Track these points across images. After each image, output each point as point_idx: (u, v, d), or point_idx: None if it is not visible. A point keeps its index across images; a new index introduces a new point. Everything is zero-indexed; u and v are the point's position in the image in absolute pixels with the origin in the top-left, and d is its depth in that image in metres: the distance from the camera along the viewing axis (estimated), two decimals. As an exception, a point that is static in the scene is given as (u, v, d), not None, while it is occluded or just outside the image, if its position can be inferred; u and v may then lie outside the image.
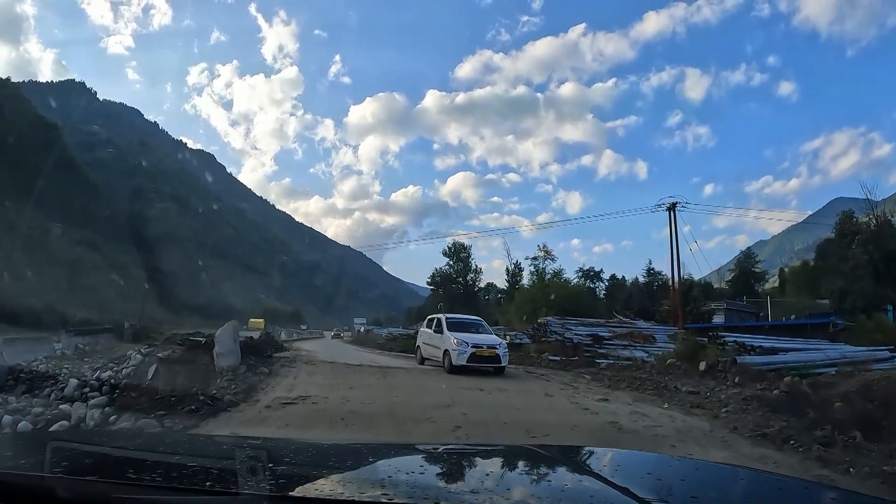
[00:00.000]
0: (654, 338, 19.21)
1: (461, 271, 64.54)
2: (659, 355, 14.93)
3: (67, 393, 8.21)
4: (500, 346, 13.58)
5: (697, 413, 8.35)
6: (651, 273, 51.29)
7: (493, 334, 15.35)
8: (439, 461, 1.70)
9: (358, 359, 18.07)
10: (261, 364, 11.64)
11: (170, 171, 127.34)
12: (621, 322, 22.67)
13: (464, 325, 14.95)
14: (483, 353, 13.09)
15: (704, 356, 12.54)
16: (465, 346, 13.09)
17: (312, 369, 13.09)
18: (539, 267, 49.29)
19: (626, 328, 21.04)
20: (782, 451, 5.98)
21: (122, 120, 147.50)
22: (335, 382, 10.62)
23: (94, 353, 12.18)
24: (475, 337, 13.84)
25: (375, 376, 12.14)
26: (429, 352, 15.21)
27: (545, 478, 1.52)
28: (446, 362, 13.37)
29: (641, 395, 10.44)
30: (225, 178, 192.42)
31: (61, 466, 1.17)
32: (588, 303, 37.32)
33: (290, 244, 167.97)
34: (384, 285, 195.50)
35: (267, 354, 14.05)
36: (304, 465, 1.45)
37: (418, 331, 17.43)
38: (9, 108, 64.38)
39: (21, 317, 24.41)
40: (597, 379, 12.83)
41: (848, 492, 1.56)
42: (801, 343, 15.41)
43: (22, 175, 52.10)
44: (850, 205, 48.21)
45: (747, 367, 10.88)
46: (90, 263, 57.15)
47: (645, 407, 8.92)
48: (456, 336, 13.53)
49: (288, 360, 14.57)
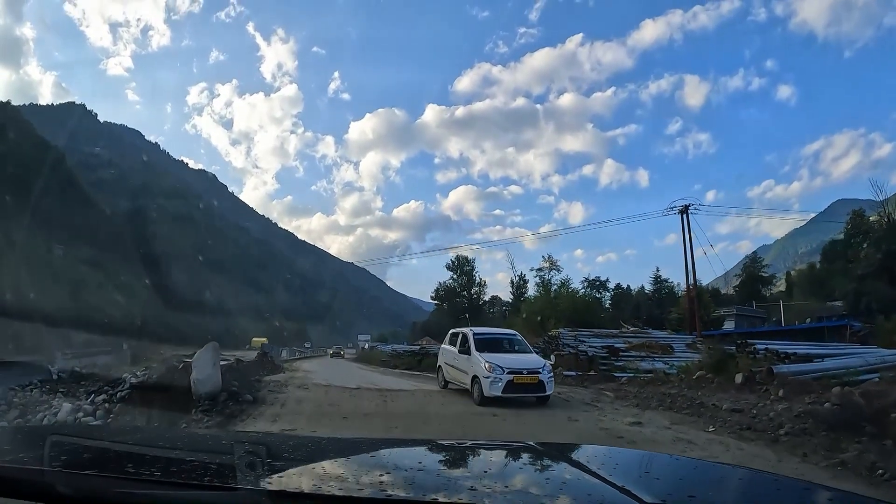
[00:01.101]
0: (671, 347, 18.59)
1: (465, 285, 64.15)
2: (682, 366, 14.15)
3: (60, 418, 8.04)
4: (543, 370, 10.89)
5: (751, 437, 7.42)
6: (658, 281, 50.80)
7: (531, 352, 12.38)
8: (438, 456, 1.72)
9: (357, 379, 17.01)
10: (245, 390, 10.75)
11: (172, 192, 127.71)
12: (636, 332, 22.09)
13: (496, 342, 12.29)
14: (523, 381, 10.51)
15: (735, 366, 11.78)
16: (499, 371, 10.53)
17: (304, 395, 12.01)
18: (544, 278, 48.59)
19: (641, 338, 20.31)
20: (877, 485, 4.99)
21: (123, 141, 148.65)
22: (327, 411, 9.69)
23: (92, 377, 11.68)
24: (511, 358, 11.17)
25: (374, 402, 11.08)
26: (453, 375, 12.64)
27: (543, 475, 1.53)
28: (476, 392, 10.85)
29: (677, 415, 9.45)
30: (227, 198, 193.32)
31: (61, 461, 1.19)
32: (596, 313, 36.56)
33: (293, 262, 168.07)
34: (388, 301, 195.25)
35: (255, 378, 13.04)
36: (302, 460, 1.45)
37: (440, 348, 14.71)
38: (10, 130, 64.90)
39: (23, 338, 24.14)
40: (621, 396, 11.77)
41: (846, 492, 1.53)
42: (835, 348, 14.80)
43: (24, 196, 52.17)
44: (853, 206, 47.83)
45: (785, 378, 10.11)
46: (94, 283, 56.93)
47: (687, 431, 7.98)
48: (488, 358, 10.91)
49: (279, 385, 13.47)
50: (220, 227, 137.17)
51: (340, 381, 15.58)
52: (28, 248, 50.40)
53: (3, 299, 37.66)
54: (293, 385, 13.73)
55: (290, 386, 13.41)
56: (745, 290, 50.49)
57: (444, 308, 64.80)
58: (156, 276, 64.30)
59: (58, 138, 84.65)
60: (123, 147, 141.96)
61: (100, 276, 59.87)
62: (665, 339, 20.88)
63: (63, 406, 8.40)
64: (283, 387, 13.03)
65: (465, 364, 11.70)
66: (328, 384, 14.53)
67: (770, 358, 12.34)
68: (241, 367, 15.29)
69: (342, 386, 14.09)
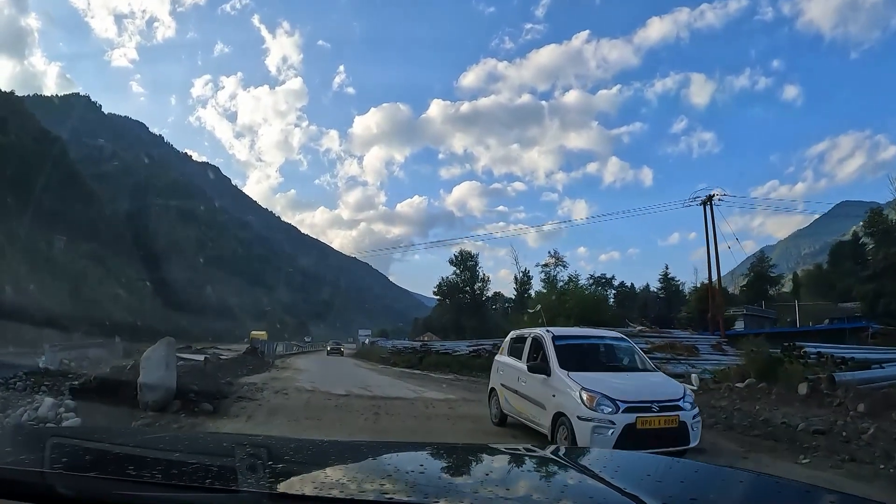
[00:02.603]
0: (696, 349, 17.32)
1: (468, 280, 63.39)
2: (718, 371, 12.77)
3: (41, 413, 7.58)
4: (684, 402, 6.22)
5: (861, 471, 5.73)
6: (666, 279, 49.90)
7: (656, 370, 7.52)
8: (440, 460, 1.72)
9: (350, 382, 15.21)
10: (206, 398, 9.06)
11: (175, 184, 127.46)
12: (657, 331, 20.89)
13: (592, 352, 7.64)
14: (652, 424, 5.89)
15: (784, 372, 10.55)
16: (608, 406, 5.92)
17: (280, 403, 10.33)
18: (550, 274, 47.57)
19: (663, 338, 18.79)
20: None
21: (127, 133, 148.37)
22: (301, 427, 7.97)
23: (80, 370, 11.26)
24: (626, 383, 6.52)
25: (363, 415, 9.24)
26: (517, 407, 7.73)
27: (545, 478, 1.53)
28: (560, 435, 6.25)
29: (746, 438, 7.66)
30: (230, 191, 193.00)
31: (61, 462, 1.17)
32: (604, 311, 35.21)
33: (295, 256, 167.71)
34: (391, 297, 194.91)
35: (227, 381, 11.28)
36: (304, 462, 1.44)
37: (494, 361, 9.18)
38: (13, 122, 64.57)
39: (23, 331, 23.83)
40: None
41: (846, 494, 1.54)
42: (884, 352, 13.73)
43: (26, 188, 52.01)
44: (857, 208, 47.11)
45: (850, 387, 8.88)
46: (95, 276, 56.69)
47: (772, 463, 6.14)
48: (585, 382, 6.25)
49: (254, 389, 11.64)
50: (223, 220, 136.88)
51: (330, 384, 13.83)
52: (29, 241, 50.19)
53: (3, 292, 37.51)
54: (271, 389, 11.94)
55: (268, 390, 11.65)
56: (753, 289, 49.86)
57: (447, 304, 64.27)
58: (157, 270, 64.08)
59: (62, 130, 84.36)
60: (127, 139, 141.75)
61: (100, 270, 59.63)
62: (688, 339, 19.59)
63: (45, 401, 7.95)
64: (258, 391, 11.36)
65: (539, 390, 6.97)
66: (313, 388, 12.67)
67: (824, 364, 11.06)
68: (216, 366, 14.27)
69: (328, 392, 12.21)
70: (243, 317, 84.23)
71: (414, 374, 21.88)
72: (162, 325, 45.62)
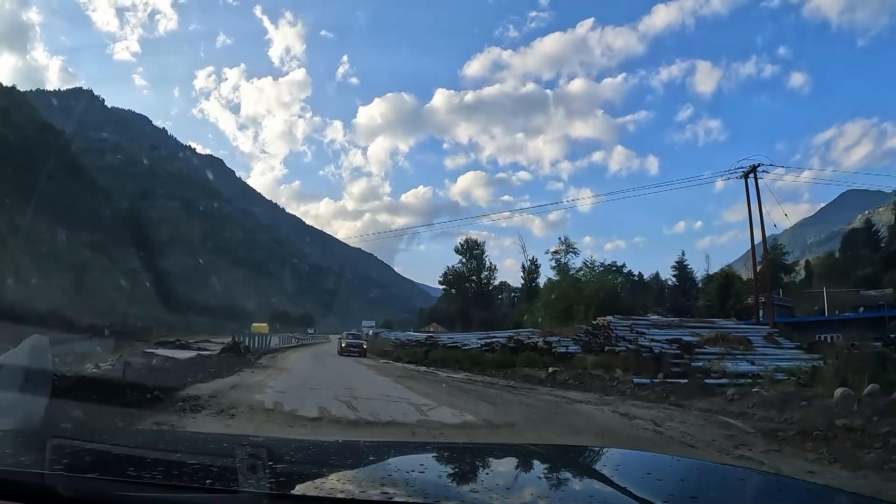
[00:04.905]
0: (749, 341, 14.71)
1: (474, 269, 62.39)
2: (801, 371, 10.44)
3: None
4: None
5: None
6: (681, 267, 48.25)
7: None
8: (440, 459, 1.74)
9: (337, 386, 11.85)
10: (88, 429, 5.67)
11: (179, 177, 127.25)
12: (702, 321, 18.11)
13: None
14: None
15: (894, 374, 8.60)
16: None
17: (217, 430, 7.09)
18: (560, 261, 45.31)
19: (709, 329, 16.05)
20: None
21: (130, 126, 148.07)
22: None
23: (64, 364, 10.47)
24: None
25: None
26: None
27: (545, 477, 1.54)
28: None
29: None
30: (234, 183, 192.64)
31: (62, 464, 1.16)
32: (625, 300, 32.84)
33: (300, 247, 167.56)
34: (396, 287, 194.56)
35: (153, 394, 8.02)
36: (304, 463, 1.46)
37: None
38: (15, 115, 64.17)
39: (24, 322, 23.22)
40: (763, 431, 7.46)
41: (847, 493, 1.49)
42: None
43: (29, 181, 51.66)
44: (862, 197, 45.88)
45: None
46: (98, 268, 56.44)
47: None
48: None
49: (195, 405, 8.20)
50: (227, 212, 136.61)
51: (303, 396, 10.34)
52: (30, 233, 49.87)
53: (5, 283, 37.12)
54: (215, 407, 8.30)
55: (209, 409, 8.09)
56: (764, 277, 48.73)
57: (453, 294, 63.46)
58: (160, 262, 63.62)
59: (65, 124, 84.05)
60: (131, 132, 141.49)
61: (105, 261, 59.29)
62: (736, 329, 16.57)
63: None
64: (194, 411, 7.87)
65: None
66: (274, 405, 9.06)
67: None
68: (160, 369, 11.42)
69: (293, 412, 8.39)
70: (248, 308, 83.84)
71: (419, 371, 19.45)
72: (166, 317, 45.32)
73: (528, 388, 13.31)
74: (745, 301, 32.91)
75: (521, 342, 20.59)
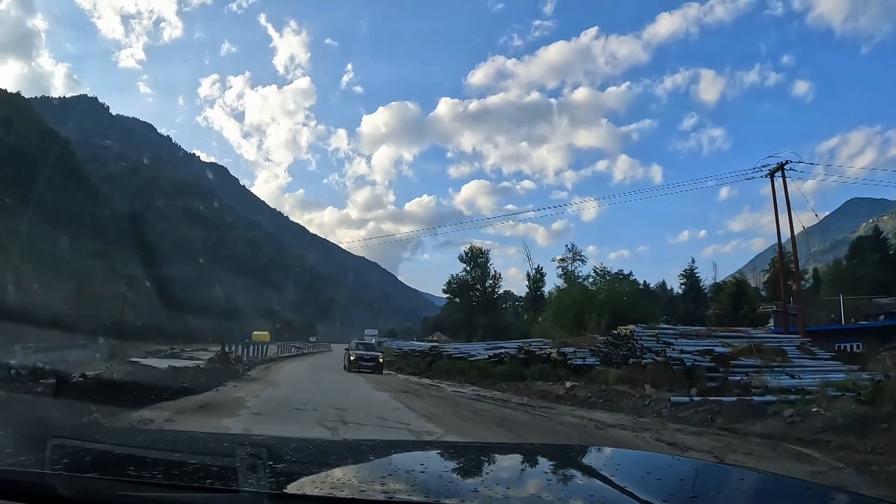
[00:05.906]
0: (783, 351, 13.79)
1: (479, 277, 61.70)
2: (862, 387, 9.22)
3: None
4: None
5: None
6: (690, 276, 47.34)
7: None
8: (440, 459, 1.73)
9: (323, 409, 9.51)
10: None
11: (183, 184, 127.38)
12: (732, 330, 16.94)
13: None
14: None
15: None
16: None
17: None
18: (567, 269, 44.26)
19: (741, 338, 14.99)
20: None
21: (135, 134, 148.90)
22: None
23: (55, 371, 9.97)
24: None
25: None
26: None
27: (546, 476, 1.53)
28: None
29: None
30: (238, 191, 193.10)
31: (62, 463, 1.16)
32: (644, 308, 31.59)
33: (304, 256, 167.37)
34: (400, 296, 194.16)
35: (90, 417, 6.37)
36: (304, 462, 1.44)
37: None
38: (19, 122, 64.22)
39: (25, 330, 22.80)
40: (863, 473, 5.84)
41: (848, 492, 1.51)
42: None
43: (31, 188, 51.50)
44: (866, 205, 45.37)
45: None
46: (100, 275, 56.08)
47: None
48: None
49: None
50: (231, 220, 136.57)
51: (288, 418, 8.71)
52: (32, 241, 49.60)
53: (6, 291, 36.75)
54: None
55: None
56: (776, 284, 48.21)
57: (457, 302, 62.74)
58: (163, 270, 63.31)
59: (69, 131, 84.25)
60: (135, 140, 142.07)
61: (107, 269, 58.96)
62: (768, 339, 15.55)
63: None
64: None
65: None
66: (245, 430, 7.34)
67: None
68: (122, 384, 9.63)
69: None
70: (251, 316, 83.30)
71: (422, 385, 17.66)
72: (166, 325, 44.84)
73: (545, 407, 11.91)
74: (758, 309, 32.00)
75: (533, 353, 19.40)
